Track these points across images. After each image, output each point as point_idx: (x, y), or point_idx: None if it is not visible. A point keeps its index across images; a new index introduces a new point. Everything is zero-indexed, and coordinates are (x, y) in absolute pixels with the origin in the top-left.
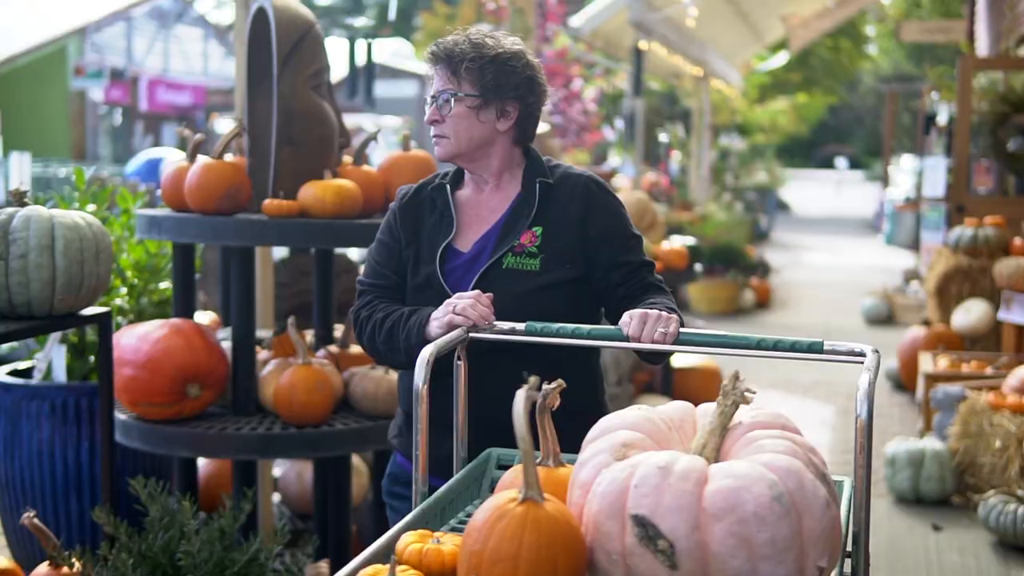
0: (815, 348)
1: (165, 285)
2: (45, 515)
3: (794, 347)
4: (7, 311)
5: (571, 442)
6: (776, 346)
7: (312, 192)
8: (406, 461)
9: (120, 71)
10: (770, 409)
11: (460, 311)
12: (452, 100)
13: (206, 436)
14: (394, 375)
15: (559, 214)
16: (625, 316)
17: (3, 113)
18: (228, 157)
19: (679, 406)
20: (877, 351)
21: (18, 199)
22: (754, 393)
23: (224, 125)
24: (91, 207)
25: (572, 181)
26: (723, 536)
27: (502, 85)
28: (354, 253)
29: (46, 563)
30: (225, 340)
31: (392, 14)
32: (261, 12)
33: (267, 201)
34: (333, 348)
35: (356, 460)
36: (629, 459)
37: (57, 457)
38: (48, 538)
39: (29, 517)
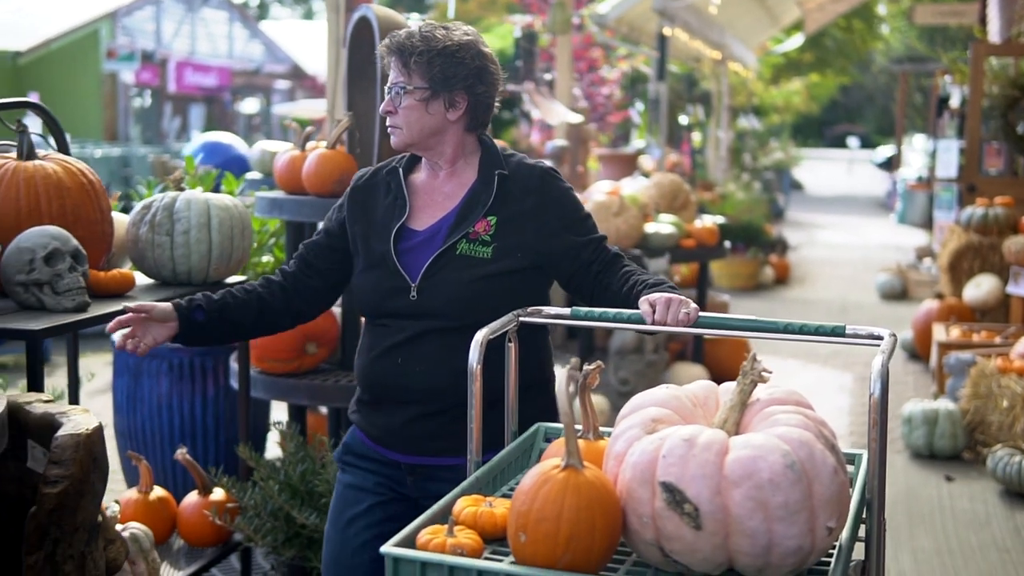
0: (837, 332)
1: (267, 259)
2: (164, 460)
3: (818, 331)
4: (171, 279)
5: (521, 413)
6: (801, 330)
7: None
8: (363, 435)
9: (150, 54)
10: (785, 386)
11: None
12: (402, 93)
13: (323, 387)
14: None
15: (514, 205)
16: (645, 305)
17: (40, 96)
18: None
19: (703, 385)
20: (894, 335)
21: (176, 184)
22: (770, 373)
23: (249, 106)
24: (199, 189)
25: (526, 172)
26: (742, 500)
27: (450, 77)
28: None
29: (195, 491)
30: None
31: (452, 12)
32: (364, 20)
33: None
34: None
35: None
36: (658, 432)
37: (174, 410)
38: (198, 471)
39: (182, 453)
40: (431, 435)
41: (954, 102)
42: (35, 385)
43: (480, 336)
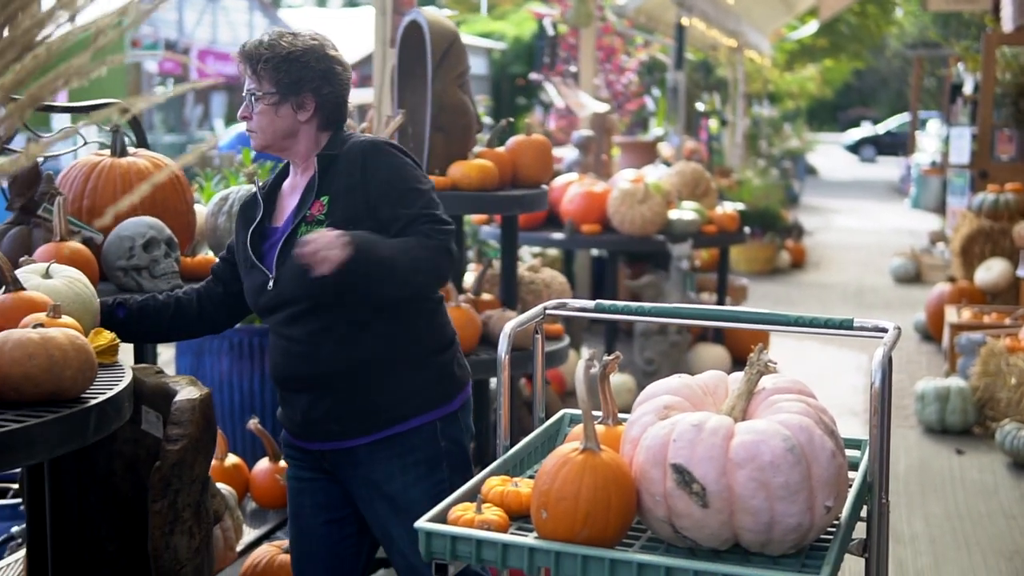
0: (845, 325)
1: None
2: (225, 433)
3: (827, 324)
4: None
5: (397, 392)
6: (811, 323)
7: (461, 170)
8: (284, 429)
9: (172, 43)
10: (789, 376)
11: None
12: (254, 99)
13: None
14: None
15: (342, 181)
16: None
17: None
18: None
19: (714, 375)
20: (898, 328)
21: (249, 178)
22: (775, 363)
23: None
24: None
25: (352, 149)
26: (745, 480)
27: (296, 81)
28: None
29: (265, 458)
30: None
31: (484, 9)
32: (414, 24)
33: None
34: (469, 295)
35: None
36: (670, 418)
37: (234, 386)
38: (269, 439)
39: (255, 423)
40: (323, 420)
41: (967, 89)
42: (141, 359)
43: (508, 328)
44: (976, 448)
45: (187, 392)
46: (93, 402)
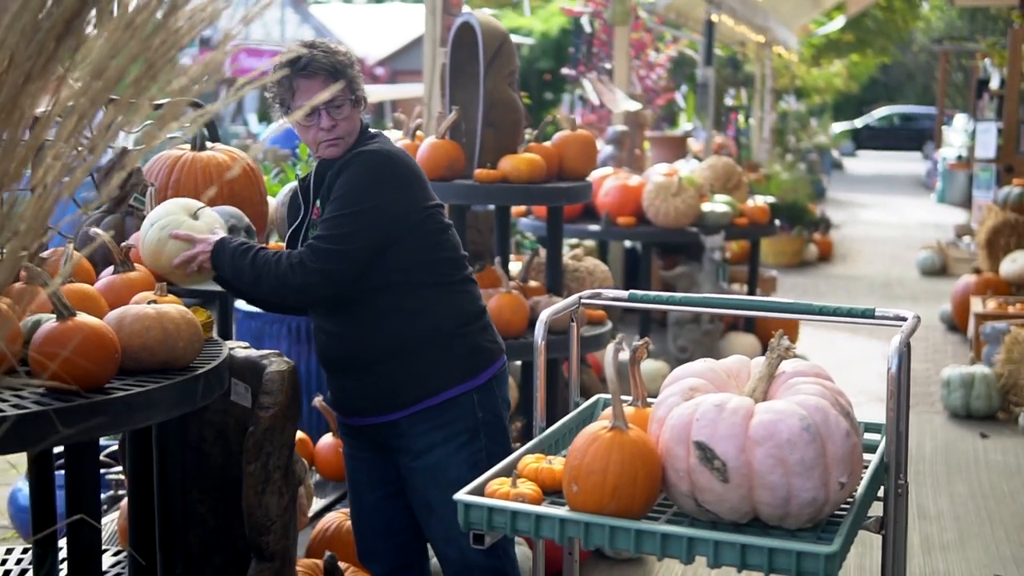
0: (867, 314)
1: None
2: None
3: (850, 313)
4: None
5: (423, 369)
6: (835, 312)
7: (511, 163)
8: (337, 411)
9: (206, 39)
10: (809, 362)
11: None
12: (346, 105)
13: None
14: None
15: (333, 189)
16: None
17: None
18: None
19: (737, 359)
20: (918, 316)
21: None
22: (794, 347)
23: None
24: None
25: (347, 159)
26: (763, 457)
27: (361, 83)
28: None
29: (329, 434)
30: None
31: (527, 9)
32: (466, 25)
33: (478, 170)
34: (518, 282)
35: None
36: (694, 399)
37: None
38: (332, 415)
39: (319, 400)
40: (362, 397)
41: (993, 84)
42: (226, 336)
43: (544, 316)
44: (1000, 432)
45: (277, 364)
46: (201, 370)
